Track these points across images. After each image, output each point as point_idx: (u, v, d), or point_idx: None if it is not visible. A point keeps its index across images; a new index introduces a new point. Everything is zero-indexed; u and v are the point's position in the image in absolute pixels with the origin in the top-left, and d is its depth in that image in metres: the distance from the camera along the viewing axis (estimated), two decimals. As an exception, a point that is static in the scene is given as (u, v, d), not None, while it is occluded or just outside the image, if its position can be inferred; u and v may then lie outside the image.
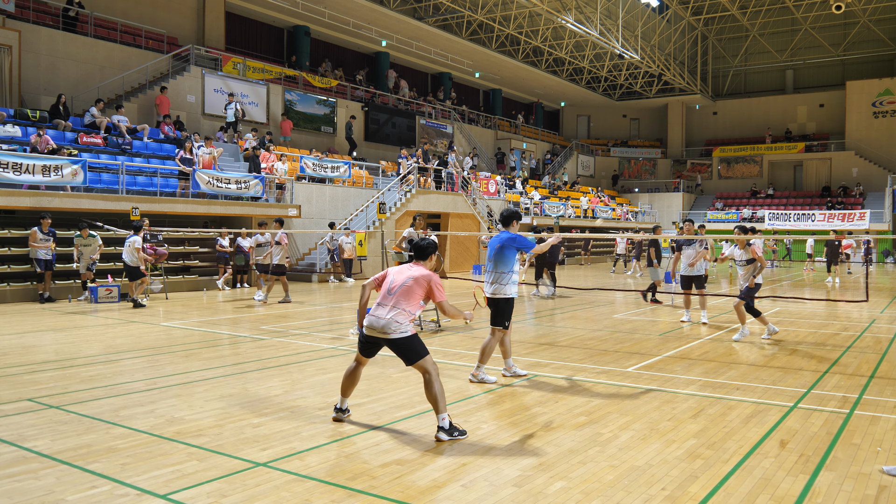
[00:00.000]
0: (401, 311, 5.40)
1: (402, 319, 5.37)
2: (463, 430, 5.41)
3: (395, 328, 5.34)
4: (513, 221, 7.53)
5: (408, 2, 30.08)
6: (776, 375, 7.79)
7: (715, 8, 41.41)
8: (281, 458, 4.86)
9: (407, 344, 5.38)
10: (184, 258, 18.64)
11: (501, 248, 7.29)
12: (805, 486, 4.42)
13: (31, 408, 6.19)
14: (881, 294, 18.35)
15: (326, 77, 29.52)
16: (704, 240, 11.87)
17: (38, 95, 20.20)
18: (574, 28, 30.80)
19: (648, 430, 5.58)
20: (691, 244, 11.85)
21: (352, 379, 5.77)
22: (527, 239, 7.59)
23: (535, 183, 38.09)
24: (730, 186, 46.17)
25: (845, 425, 5.77)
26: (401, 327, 5.35)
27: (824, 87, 44.34)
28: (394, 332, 5.34)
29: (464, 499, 4.17)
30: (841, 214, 37.70)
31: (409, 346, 5.38)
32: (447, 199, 26.04)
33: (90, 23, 22.12)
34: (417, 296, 5.50)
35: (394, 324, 5.34)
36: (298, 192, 21.71)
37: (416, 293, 5.49)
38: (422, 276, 5.55)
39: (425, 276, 5.57)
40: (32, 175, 15.13)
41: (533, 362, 8.49)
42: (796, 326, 11.96)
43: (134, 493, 4.24)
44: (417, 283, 5.51)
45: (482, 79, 40.10)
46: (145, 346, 9.56)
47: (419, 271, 5.60)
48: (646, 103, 47.22)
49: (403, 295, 5.45)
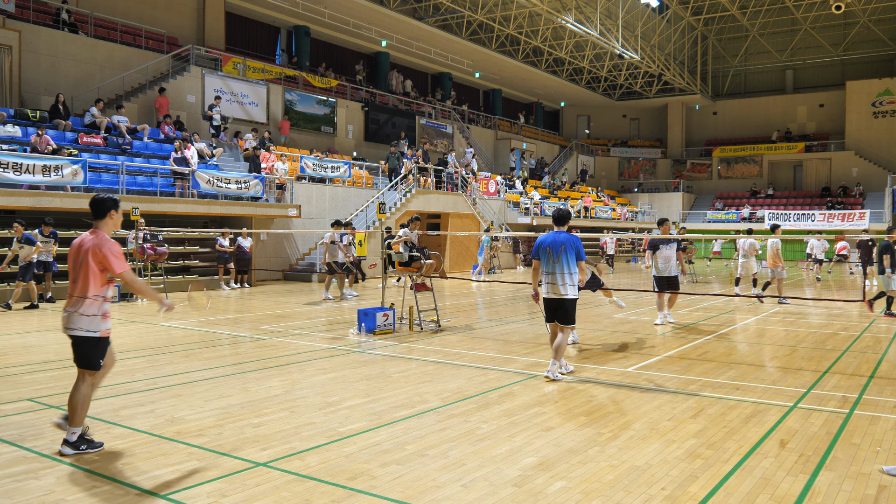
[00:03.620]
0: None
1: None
2: (97, 443, 5.07)
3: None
4: (567, 222, 7.70)
5: (408, 2, 30.08)
6: (776, 375, 7.79)
7: (715, 8, 41.41)
8: (281, 458, 4.86)
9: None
10: (184, 258, 18.64)
11: (564, 248, 7.32)
12: (805, 486, 4.42)
13: (31, 408, 6.19)
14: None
15: (326, 77, 29.52)
16: (681, 240, 11.80)
17: (38, 95, 20.19)
18: (574, 28, 30.80)
19: (648, 430, 5.58)
20: (668, 244, 11.73)
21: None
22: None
23: (535, 183, 38.08)
24: (730, 186, 46.16)
25: (845, 425, 5.77)
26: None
27: (824, 87, 44.34)
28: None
29: (464, 499, 4.17)
30: (841, 214, 37.70)
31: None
32: (447, 199, 26.04)
33: (90, 23, 22.13)
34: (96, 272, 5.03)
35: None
36: (298, 192, 21.72)
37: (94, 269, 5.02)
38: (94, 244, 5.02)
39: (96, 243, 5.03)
40: (32, 175, 15.13)
41: (533, 362, 8.49)
42: (796, 326, 11.97)
43: (134, 492, 4.25)
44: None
45: (482, 79, 40.10)
46: (145, 346, 9.56)
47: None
48: (646, 103, 47.22)
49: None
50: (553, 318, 7.52)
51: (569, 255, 7.32)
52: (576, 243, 7.41)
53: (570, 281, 7.34)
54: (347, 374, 7.66)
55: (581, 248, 7.44)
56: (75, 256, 5.09)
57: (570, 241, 7.38)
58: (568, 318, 7.40)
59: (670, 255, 11.68)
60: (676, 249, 11.73)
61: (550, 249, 7.39)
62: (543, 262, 7.48)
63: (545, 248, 7.45)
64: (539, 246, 7.52)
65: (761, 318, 13.10)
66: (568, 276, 7.33)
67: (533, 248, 7.60)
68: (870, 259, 19.49)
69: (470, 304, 15.64)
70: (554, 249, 7.37)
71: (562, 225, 7.59)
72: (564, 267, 7.32)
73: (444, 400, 6.54)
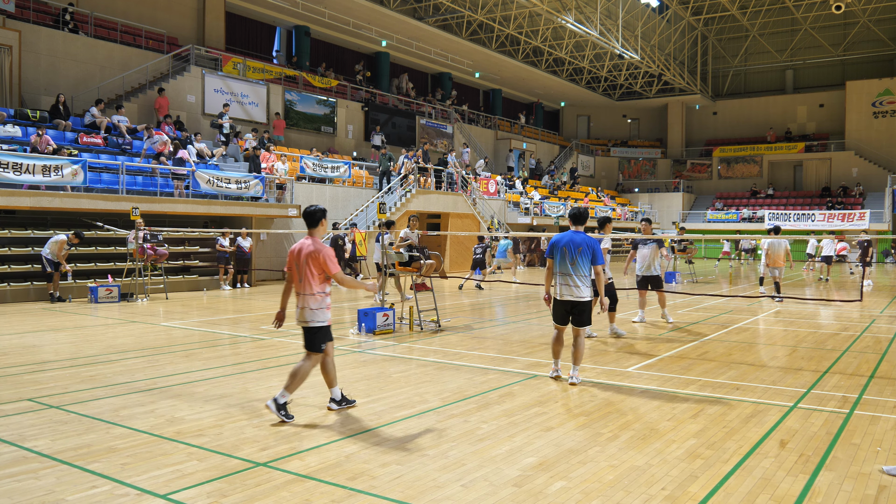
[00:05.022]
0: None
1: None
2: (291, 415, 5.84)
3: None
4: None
5: (408, 2, 30.08)
6: (776, 375, 7.79)
7: (715, 8, 41.42)
8: (281, 458, 4.86)
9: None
10: (184, 258, 18.64)
11: (581, 249, 7.08)
12: (805, 486, 4.42)
13: (31, 408, 6.19)
14: (881, 294, 18.35)
15: (326, 77, 29.53)
16: (660, 240, 11.83)
17: (38, 95, 20.20)
18: (574, 28, 30.80)
19: (648, 430, 5.58)
20: (647, 244, 11.67)
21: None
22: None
23: (535, 183, 38.09)
24: (730, 186, 46.17)
25: (845, 425, 5.77)
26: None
27: (824, 87, 44.34)
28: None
29: (464, 499, 4.17)
30: (841, 214, 37.70)
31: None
32: (447, 200, 26.05)
33: (90, 23, 22.13)
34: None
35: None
36: (298, 192, 21.72)
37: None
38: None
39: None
40: (32, 175, 15.13)
41: (533, 362, 8.49)
42: (796, 326, 11.97)
43: (134, 492, 4.25)
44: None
45: (482, 79, 40.10)
46: (145, 346, 9.56)
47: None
48: (646, 103, 47.23)
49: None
50: (565, 319, 7.27)
51: (585, 257, 7.06)
52: (593, 246, 7.11)
53: (585, 283, 7.08)
54: (347, 374, 7.67)
55: (599, 251, 7.15)
56: (296, 260, 5.97)
57: (587, 242, 7.10)
58: (584, 319, 7.21)
59: (647, 255, 11.64)
60: (658, 248, 11.67)
61: (566, 249, 7.11)
62: (558, 261, 7.18)
63: (560, 247, 7.16)
64: (554, 245, 7.22)
65: (761, 318, 13.10)
66: (583, 278, 7.07)
67: (548, 247, 7.31)
68: (868, 259, 19.88)
69: (470, 304, 15.63)
70: (570, 250, 7.08)
71: (580, 224, 7.30)
72: (579, 269, 7.05)
73: (444, 400, 6.54)
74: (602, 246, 11.37)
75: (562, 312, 7.25)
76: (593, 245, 7.12)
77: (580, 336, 7.26)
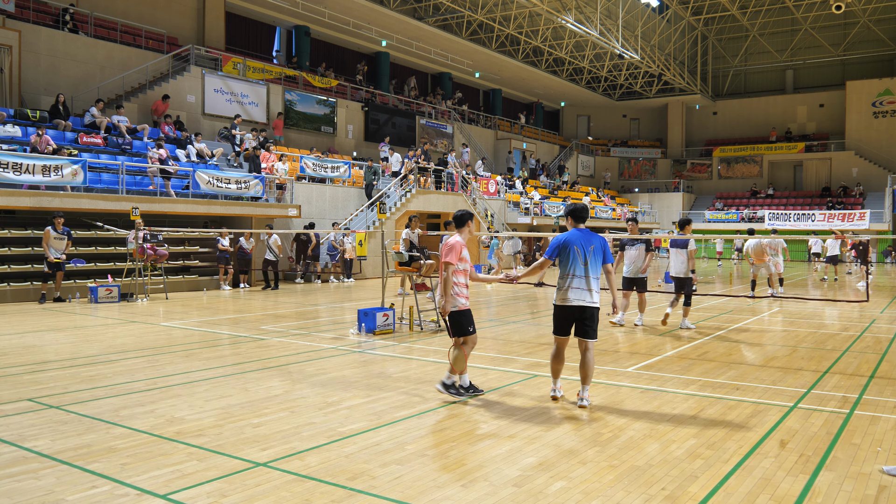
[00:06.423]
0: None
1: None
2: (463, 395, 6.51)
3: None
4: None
5: (408, 2, 30.08)
6: (776, 375, 7.79)
7: (715, 8, 41.42)
8: (281, 458, 4.86)
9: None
10: (184, 258, 18.64)
11: (594, 248, 6.41)
12: (805, 486, 4.42)
13: (31, 408, 6.19)
14: (881, 294, 18.35)
15: (326, 77, 29.52)
16: (648, 241, 11.62)
17: (38, 95, 20.20)
18: (574, 28, 30.80)
19: (648, 430, 5.58)
20: (634, 245, 11.53)
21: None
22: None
23: (535, 183, 38.10)
24: (730, 186, 46.18)
25: (845, 425, 5.77)
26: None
27: (824, 87, 44.35)
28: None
29: (464, 499, 4.17)
30: (841, 214, 37.70)
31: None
32: (447, 199, 26.04)
33: (90, 23, 22.12)
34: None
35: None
36: (298, 192, 21.72)
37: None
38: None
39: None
40: (32, 175, 15.13)
41: (532, 362, 8.49)
42: (796, 326, 11.96)
43: (134, 493, 4.24)
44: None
45: (482, 79, 40.10)
46: (145, 346, 9.56)
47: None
48: (646, 103, 47.23)
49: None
50: (569, 330, 6.42)
51: (597, 256, 6.40)
52: (604, 244, 6.51)
53: (597, 286, 6.39)
54: (347, 374, 7.67)
55: (609, 249, 6.55)
56: (440, 252, 6.96)
57: (600, 241, 6.47)
58: (594, 331, 6.37)
59: (634, 256, 11.48)
60: (647, 250, 11.43)
61: (579, 249, 6.33)
62: (567, 263, 6.34)
63: (572, 247, 6.34)
64: (564, 245, 6.38)
65: (761, 318, 13.10)
66: (595, 280, 6.36)
67: (551, 247, 6.47)
68: (866, 259, 19.99)
69: (470, 303, 15.61)
70: (584, 250, 6.34)
71: (583, 221, 6.61)
72: (593, 270, 6.34)
73: (444, 400, 6.54)
74: (689, 248, 11.28)
75: (566, 321, 6.39)
76: (604, 243, 6.58)
77: (589, 351, 6.34)
